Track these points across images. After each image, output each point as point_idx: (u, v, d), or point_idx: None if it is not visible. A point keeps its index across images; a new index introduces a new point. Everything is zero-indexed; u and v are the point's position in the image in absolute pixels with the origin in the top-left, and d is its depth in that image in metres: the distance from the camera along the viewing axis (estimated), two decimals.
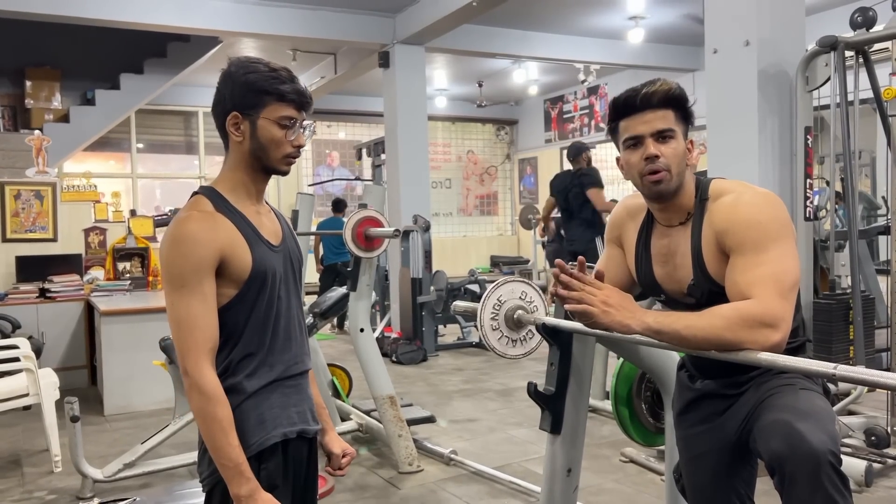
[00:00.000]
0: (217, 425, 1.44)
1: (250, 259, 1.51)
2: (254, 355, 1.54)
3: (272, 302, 1.56)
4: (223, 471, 1.45)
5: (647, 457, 3.71)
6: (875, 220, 6.31)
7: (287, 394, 1.58)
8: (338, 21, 7.35)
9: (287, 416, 1.57)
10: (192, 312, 1.45)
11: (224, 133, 1.56)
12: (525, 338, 2.11)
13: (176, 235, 1.48)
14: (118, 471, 3.55)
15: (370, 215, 3.79)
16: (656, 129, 1.66)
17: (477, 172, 14.11)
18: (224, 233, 1.49)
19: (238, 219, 1.53)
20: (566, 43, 8.65)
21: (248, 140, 1.54)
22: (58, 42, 7.85)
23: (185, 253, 1.46)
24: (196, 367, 1.45)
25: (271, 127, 1.53)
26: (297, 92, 1.54)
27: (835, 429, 1.54)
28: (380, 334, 7.20)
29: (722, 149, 3.90)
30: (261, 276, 1.53)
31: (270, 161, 1.56)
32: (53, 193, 6.31)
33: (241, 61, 1.55)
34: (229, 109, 1.53)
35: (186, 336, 1.45)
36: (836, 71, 3.65)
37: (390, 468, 3.83)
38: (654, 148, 1.65)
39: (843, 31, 3.69)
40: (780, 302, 1.49)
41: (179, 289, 1.46)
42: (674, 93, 1.67)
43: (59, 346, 5.77)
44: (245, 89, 1.52)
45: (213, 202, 1.53)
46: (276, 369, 1.56)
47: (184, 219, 1.50)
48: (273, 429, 1.54)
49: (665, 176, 1.66)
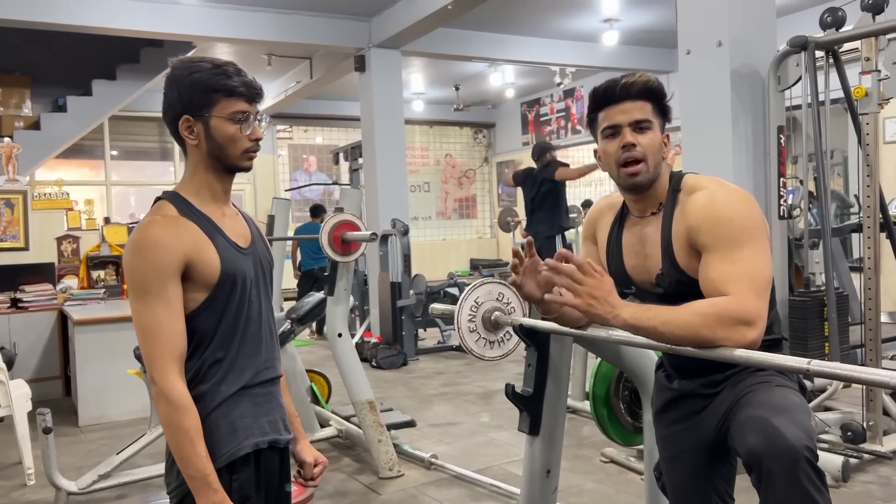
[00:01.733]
0: (184, 435, 1.41)
1: (218, 262, 1.49)
2: (223, 360, 1.51)
3: (242, 306, 1.53)
4: (190, 482, 1.42)
5: (628, 457, 3.72)
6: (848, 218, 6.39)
7: (258, 402, 1.55)
8: (313, 25, 7.32)
9: (259, 425, 1.54)
10: (157, 319, 1.42)
11: (179, 138, 1.52)
12: (503, 339, 2.11)
13: (138, 241, 1.45)
14: (93, 482, 3.49)
15: (346, 219, 3.76)
16: (634, 119, 1.69)
17: (455, 176, 14.11)
18: (189, 236, 1.46)
19: (204, 222, 1.50)
20: (541, 46, 8.69)
21: (204, 141, 1.50)
22: (28, 48, 7.74)
23: (147, 259, 1.43)
24: (163, 375, 1.42)
25: (225, 124, 1.49)
26: (246, 84, 1.51)
27: (811, 424, 1.55)
28: (359, 339, 7.16)
29: (696, 148, 3.93)
30: (230, 280, 1.50)
31: (230, 159, 1.52)
32: (24, 201, 6.21)
33: (185, 62, 1.51)
34: (180, 113, 1.49)
35: (152, 344, 1.43)
36: (807, 71, 3.68)
37: (370, 474, 3.80)
38: (631, 136, 1.68)
39: (813, 32, 3.73)
40: (756, 299, 1.50)
41: (143, 296, 1.43)
42: (652, 85, 1.70)
43: (32, 356, 5.67)
44: (192, 90, 1.48)
45: (177, 207, 1.50)
46: (246, 374, 1.53)
47: (146, 224, 1.47)
48: (245, 438, 1.51)
49: (641, 167, 1.69)
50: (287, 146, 12.40)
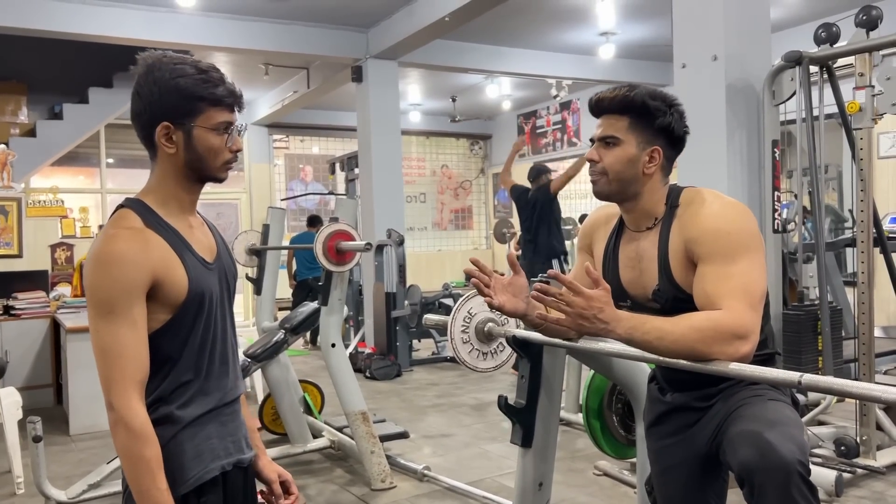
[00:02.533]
0: (144, 466, 1.31)
1: (186, 282, 1.39)
2: (190, 383, 1.42)
3: (209, 326, 1.45)
4: None
5: (621, 470, 3.70)
6: (842, 233, 6.42)
7: (224, 423, 1.48)
8: (310, 35, 7.34)
9: (224, 446, 1.47)
10: (120, 341, 1.32)
11: (151, 143, 1.42)
12: (496, 350, 2.10)
13: (103, 256, 1.34)
14: (83, 492, 3.46)
15: (341, 229, 3.76)
16: (602, 135, 1.72)
17: (451, 187, 14.13)
18: (157, 252, 1.36)
19: (171, 235, 1.41)
20: (538, 58, 8.72)
21: (183, 151, 1.41)
22: (24, 55, 7.74)
23: (113, 276, 1.32)
24: (122, 400, 1.32)
25: (208, 135, 1.41)
26: (231, 93, 1.43)
27: (803, 439, 1.55)
28: (353, 349, 7.14)
29: (691, 161, 3.92)
30: (197, 299, 1.41)
31: (208, 170, 1.44)
32: (19, 209, 6.21)
33: (165, 63, 1.40)
34: (158, 119, 1.39)
35: (112, 366, 1.32)
36: (802, 85, 3.70)
37: (363, 485, 3.78)
38: (593, 152, 1.73)
39: (808, 47, 3.75)
40: (750, 313, 1.50)
41: (106, 315, 1.32)
42: (630, 100, 1.69)
43: (24, 364, 5.64)
44: (176, 96, 1.38)
45: (142, 217, 1.39)
46: (214, 397, 1.46)
47: (111, 236, 1.35)
48: (211, 461, 1.44)
49: (598, 179, 1.73)
50: (283, 156, 12.40)
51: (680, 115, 1.72)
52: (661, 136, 1.70)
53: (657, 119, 1.69)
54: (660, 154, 1.71)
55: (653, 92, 1.71)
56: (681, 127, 1.72)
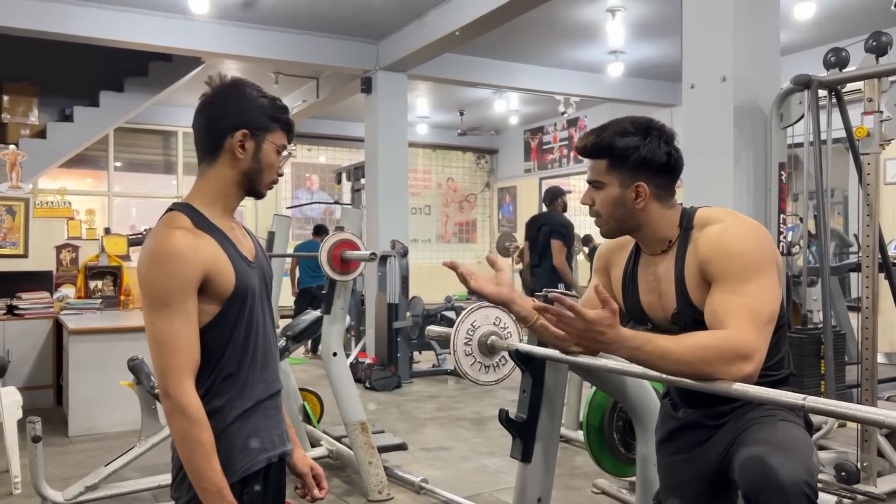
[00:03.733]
0: (200, 449, 1.42)
1: (233, 276, 1.50)
2: (235, 376, 1.52)
3: (252, 320, 1.54)
4: (205, 495, 1.43)
5: (619, 488, 3.69)
6: (846, 258, 6.41)
7: (269, 416, 1.58)
8: (321, 46, 7.39)
9: (270, 439, 1.57)
10: (175, 333, 1.42)
11: (217, 146, 1.53)
12: (498, 364, 2.10)
13: (159, 252, 1.45)
14: (79, 493, 3.45)
15: (346, 238, 3.77)
16: (588, 179, 1.77)
17: (456, 200, 14.16)
18: (207, 250, 1.47)
19: (218, 235, 1.52)
20: (547, 75, 8.76)
21: (250, 159, 1.54)
22: (37, 57, 7.80)
23: (169, 271, 1.43)
24: (179, 388, 1.42)
25: (272, 152, 1.56)
26: (292, 126, 1.61)
27: (812, 461, 1.54)
28: (354, 360, 7.13)
29: (698, 181, 3.94)
30: (242, 294, 1.52)
31: (260, 184, 1.58)
32: (26, 209, 6.22)
33: (249, 83, 1.58)
34: (238, 125, 1.52)
35: (169, 357, 1.42)
36: (810, 109, 3.71)
37: (360, 496, 3.76)
38: (586, 196, 1.78)
39: (817, 71, 3.77)
40: (756, 334, 1.50)
41: (162, 308, 1.42)
42: (601, 143, 1.70)
43: (25, 364, 5.64)
44: (259, 111, 1.54)
45: (191, 219, 1.50)
46: (258, 389, 1.55)
47: (165, 235, 1.46)
48: (259, 454, 1.54)
49: (598, 221, 1.78)
50: (290, 164, 12.44)
51: (658, 142, 1.67)
52: (641, 170, 1.68)
53: (630, 157, 1.67)
54: (645, 188, 1.68)
55: (624, 128, 1.68)
56: (660, 154, 1.67)
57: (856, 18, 6.78)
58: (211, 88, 1.57)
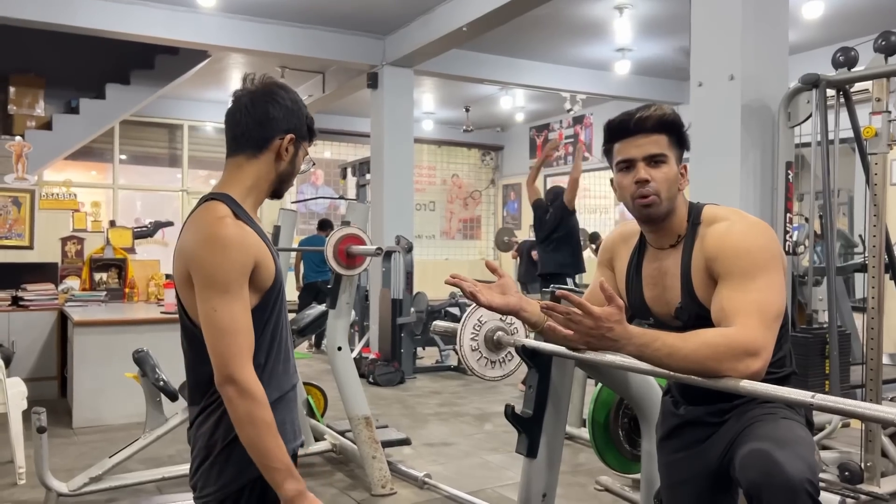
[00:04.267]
0: (268, 429, 1.44)
1: (274, 268, 1.54)
2: (264, 365, 1.53)
3: (281, 313, 1.59)
4: (273, 474, 1.44)
5: (623, 486, 3.69)
6: (852, 258, 6.39)
7: (291, 408, 1.61)
8: (328, 40, 7.38)
9: (293, 430, 1.62)
10: (236, 318, 1.45)
11: (262, 145, 1.56)
12: (504, 359, 2.10)
13: (219, 238, 1.46)
14: (84, 485, 3.47)
15: (353, 233, 3.77)
16: (648, 154, 1.68)
17: (461, 196, 14.15)
18: (254, 239, 1.51)
19: (256, 227, 1.55)
20: (553, 72, 8.74)
21: (287, 163, 1.60)
22: (43, 49, 7.80)
23: (231, 257, 1.45)
24: (244, 372, 1.44)
25: (301, 159, 1.64)
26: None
27: (814, 459, 1.54)
28: (358, 355, 7.14)
29: (704, 180, 3.94)
30: (278, 287, 1.56)
31: (284, 186, 1.64)
32: (32, 200, 6.24)
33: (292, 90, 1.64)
34: (290, 129, 1.58)
35: (231, 341, 1.44)
36: (818, 108, 3.70)
37: (363, 490, 3.77)
38: (644, 172, 1.68)
39: (825, 70, 3.75)
40: (763, 332, 1.50)
41: (223, 294, 1.44)
42: (668, 118, 1.69)
43: (30, 355, 5.66)
44: (305, 119, 1.62)
45: (232, 209, 1.52)
46: (283, 379, 1.59)
47: (219, 221, 1.47)
48: (286, 444, 1.54)
49: (654, 200, 1.68)
50: None
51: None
52: (683, 152, 1.73)
53: (684, 136, 1.71)
54: (686, 170, 1.74)
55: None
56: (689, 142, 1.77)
57: (865, 18, 6.76)
58: (263, 85, 1.58)
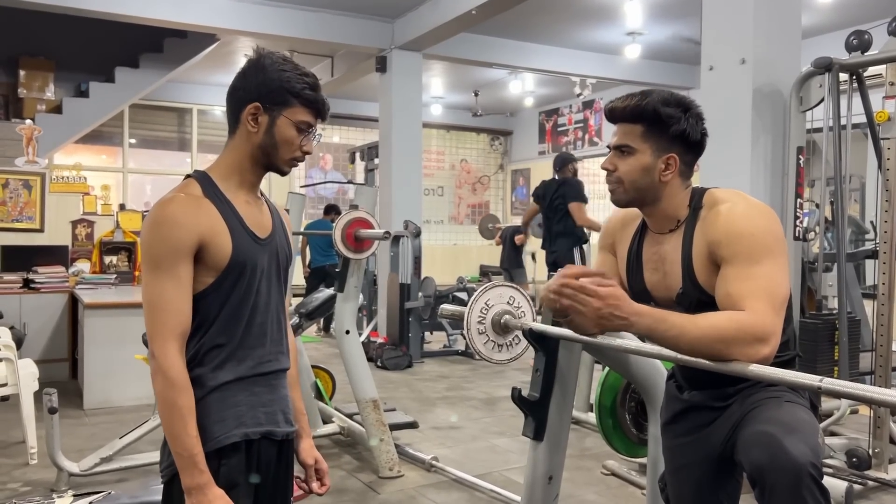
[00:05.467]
0: (177, 412, 1.42)
1: (230, 248, 1.49)
2: (222, 347, 1.50)
3: (249, 294, 1.53)
4: (177, 459, 1.42)
5: (629, 470, 3.70)
6: (862, 244, 6.35)
7: (256, 392, 1.54)
8: (336, 24, 7.36)
9: (254, 415, 1.53)
10: (165, 296, 1.43)
11: (236, 119, 1.55)
12: (511, 343, 2.10)
13: (157, 217, 1.47)
14: (94, 465, 3.51)
15: (361, 216, 3.77)
16: (615, 144, 1.72)
17: (469, 181, 14.13)
18: (206, 218, 1.48)
19: (224, 206, 1.52)
20: (563, 56, 8.69)
21: (262, 134, 1.53)
22: (53, 33, 7.81)
23: (163, 235, 1.44)
24: (162, 350, 1.42)
25: (289, 128, 1.53)
26: (321, 102, 1.56)
27: (817, 442, 1.54)
28: (366, 339, 7.17)
29: (715, 165, 3.91)
30: (238, 267, 1.51)
31: (276, 160, 1.56)
32: (42, 184, 6.27)
33: (275, 56, 1.55)
34: (252, 99, 1.52)
35: (156, 318, 1.43)
36: (830, 92, 3.67)
37: (370, 472, 3.80)
38: (608, 162, 1.73)
39: (838, 54, 3.71)
40: (773, 316, 1.49)
41: (154, 270, 1.44)
42: (642, 108, 1.66)
43: (41, 337, 5.71)
44: (275, 84, 1.51)
45: (202, 187, 1.52)
46: (245, 364, 1.53)
47: (168, 200, 1.48)
48: (235, 427, 1.50)
49: (615, 188, 1.72)
50: None
51: (696, 119, 1.69)
52: (676, 142, 1.68)
53: (671, 126, 1.66)
54: (676, 161, 1.69)
55: (667, 98, 1.67)
56: (697, 131, 1.69)
57: (879, 1, 6.68)
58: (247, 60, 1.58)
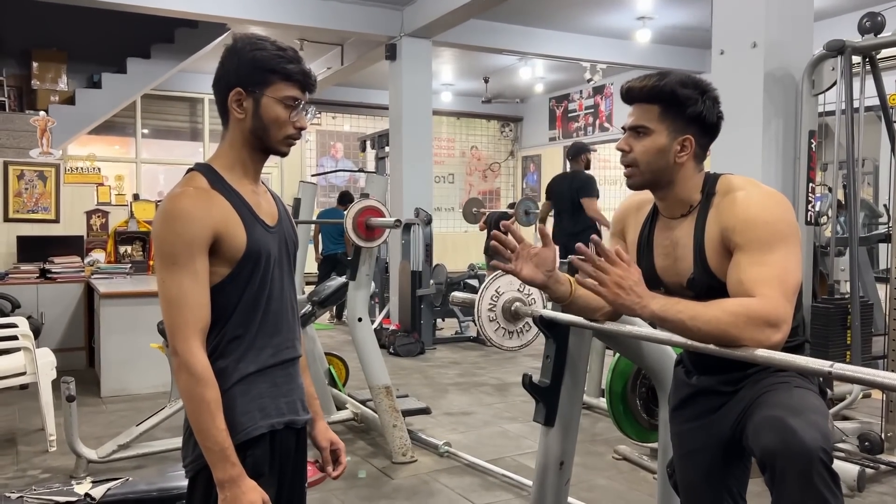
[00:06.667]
0: (205, 407, 1.40)
1: (245, 238, 1.48)
2: (242, 338, 1.50)
3: (265, 283, 1.52)
4: (208, 454, 1.42)
5: (640, 455, 3.72)
6: (876, 228, 6.31)
7: (278, 382, 1.55)
8: (346, 12, 7.35)
9: (276, 406, 1.53)
10: (184, 291, 1.42)
11: (224, 109, 1.53)
12: (522, 330, 2.12)
13: (169, 211, 1.45)
14: (112, 452, 3.56)
15: (372, 205, 3.79)
16: (631, 125, 1.71)
17: (480, 168, 14.11)
18: (218, 210, 1.46)
19: (234, 197, 1.50)
20: (573, 41, 8.65)
21: (251, 118, 1.51)
22: (65, 24, 7.85)
23: (177, 230, 1.42)
24: (185, 346, 1.41)
25: (275, 106, 1.50)
26: (303, 73, 1.52)
27: (827, 427, 1.55)
28: (378, 326, 7.21)
29: (726, 150, 3.88)
30: (254, 256, 1.50)
31: (271, 141, 1.53)
32: (57, 175, 6.32)
33: (248, 38, 1.52)
34: (233, 85, 1.50)
35: (176, 314, 1.42)
36: (843, 75, 3.64)
37: (384, 458, 3.84)
38: (623, 143, 1.73)
39: (851, 37, 3.68)
40: (784, 303, 1.50)
41: (171, 266, 1.42)
42: (659, 88, 1.66)
43: (58, 327, 5.78)
44: (251, 66, 1.49)
45: (208, 179, 1.50)
46: (265, 353, 1.53)
47: (178, 195, 1.46)
48: (261, 419, 1.50)
49: (631, 171, 1.72)
50: (315, 132, 12.46)
51: (713, 102, 1.69)
52: (693, 124, 1.68)
53: (688, 108, 1.66)
54: (692, 143, 1.69)
55: (684, 79, 1.67)
56: (714, 114, 1.69)
57: None
58: None
